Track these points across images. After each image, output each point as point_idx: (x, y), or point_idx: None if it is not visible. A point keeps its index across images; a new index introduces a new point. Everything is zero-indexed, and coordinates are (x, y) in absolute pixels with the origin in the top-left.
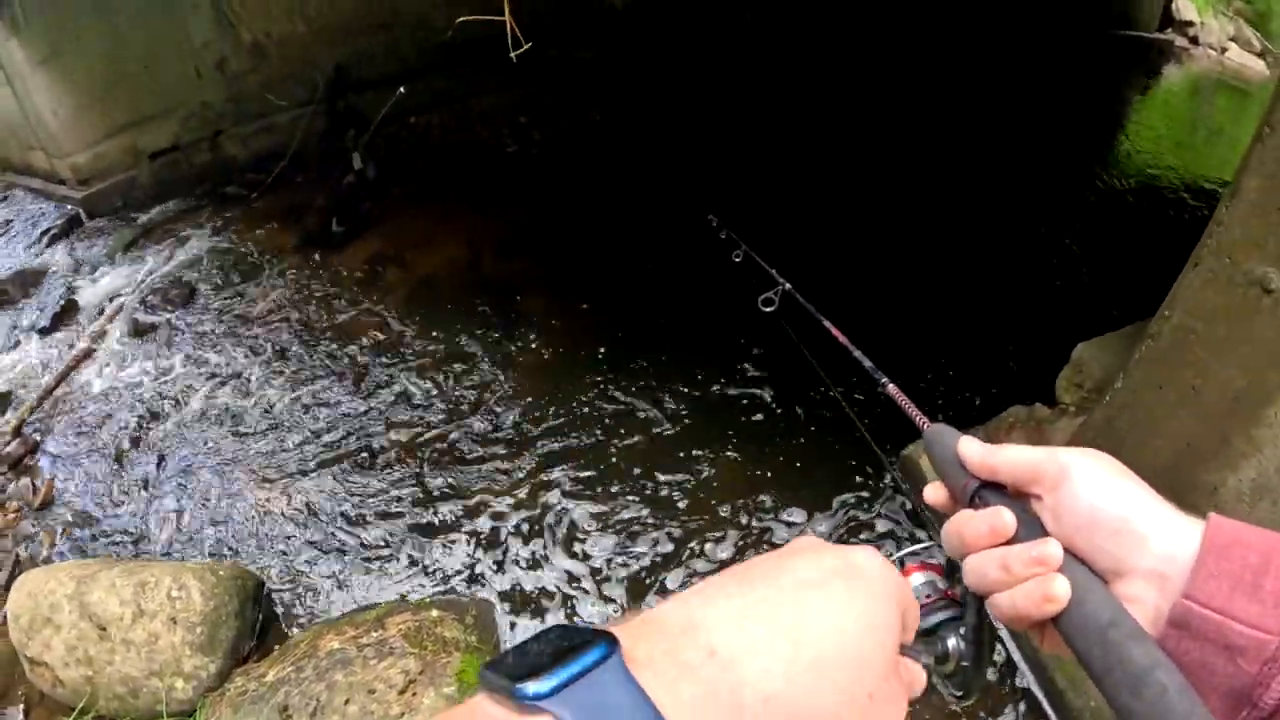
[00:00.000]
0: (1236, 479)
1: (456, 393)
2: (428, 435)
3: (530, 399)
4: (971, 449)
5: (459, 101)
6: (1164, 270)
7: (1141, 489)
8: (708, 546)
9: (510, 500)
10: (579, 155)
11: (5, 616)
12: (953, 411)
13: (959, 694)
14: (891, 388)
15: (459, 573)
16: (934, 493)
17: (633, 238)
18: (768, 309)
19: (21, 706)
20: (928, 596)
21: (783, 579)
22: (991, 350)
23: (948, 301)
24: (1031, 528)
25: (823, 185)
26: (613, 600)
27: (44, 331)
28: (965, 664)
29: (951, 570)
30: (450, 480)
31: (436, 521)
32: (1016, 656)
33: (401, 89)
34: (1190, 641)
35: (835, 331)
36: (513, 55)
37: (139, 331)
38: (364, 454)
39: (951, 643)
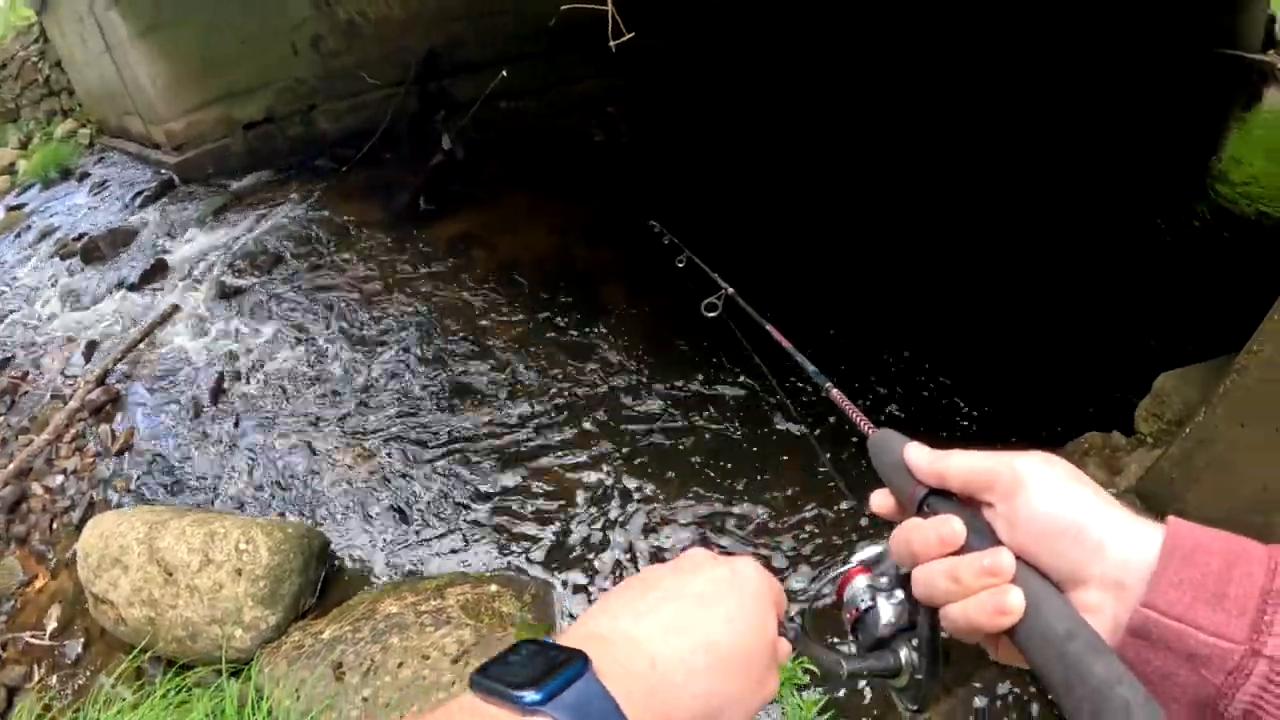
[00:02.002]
0: None
1: (532, 375)
2: (500, 414)
3: (605, 389)
4: (919, 455)
5: (549, 89)
6: (1255, 303)
7: (1097, 494)
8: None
9: (577, 486)
10: (666, 147)
11: (75, 555)
12: (1028, 436)
13: (914, 707)
14: (835, 392)
15: (521, 551)
16: (880, 500)
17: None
18: (711, 314)
19: (82, 640)
20: (871, 599)
21: (687, 594)
22: (1074, 374)
23: (1033, 326)
24: (982, 536)
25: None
26: None
27: (133, 288)
28: (919, 676)
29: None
30: (520, 461)
31: (502, 499)
32: None
33: (504, 72)
34: (1151, 651)
35: (778, 335)
36: (612, 44)
37: (224, 294)
38: (436, 428)
39: (904, 654)
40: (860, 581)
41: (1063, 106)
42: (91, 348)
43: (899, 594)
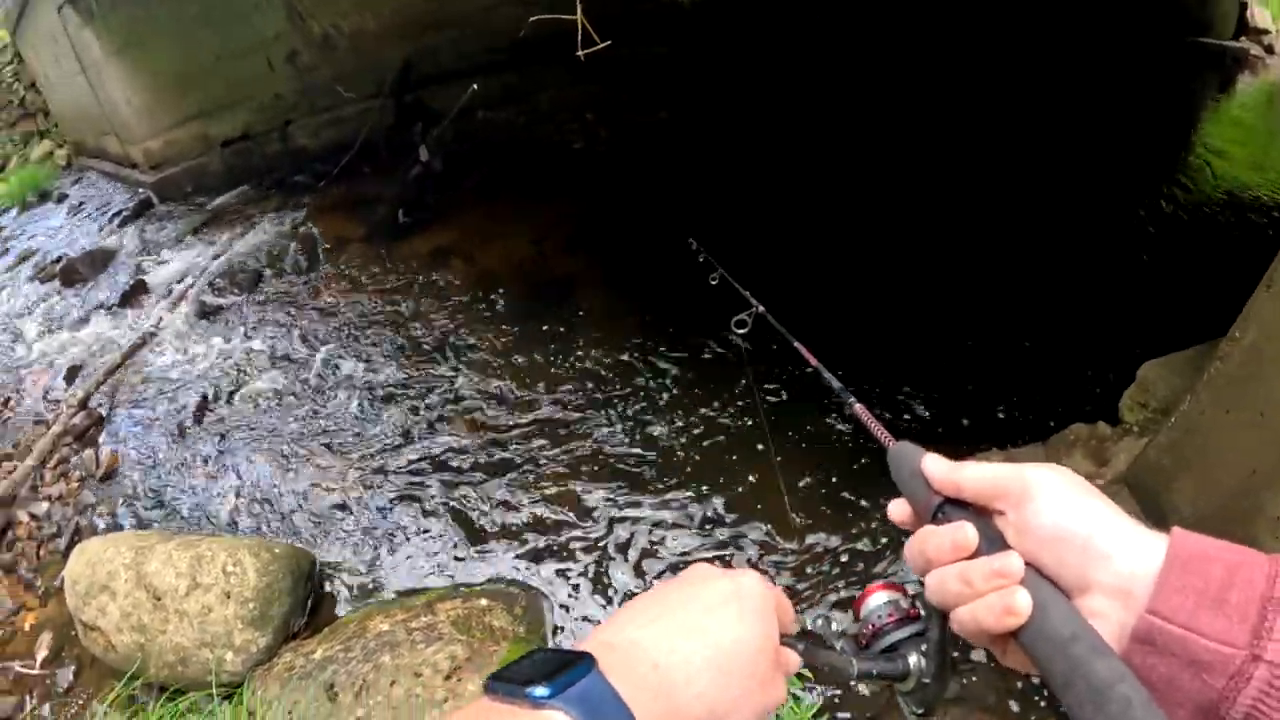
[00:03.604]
0: None
1: (514, 386)
2: (485, 426)
3: (586, 397)
4: (936, 466)
5: (526, 98)
6: (1236, 290)
7: (1105, 505)
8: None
9: (564, 497)
10: (644, 153)
11: (62, 582)
12: (1014, 430)
13: (919, 711)
14: (858, 407)
15: (510, 564)
16: (898, 510)
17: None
18: (741, 329)
19: (73, 668)
20: (890, 615)
21: (694, 605)
22: (1058, 367)
23: (1009, 317)
24: (994, 543)
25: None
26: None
27: (113, 310)
28: (926, 681)
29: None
30: (505, 472)
31: (490, 512)
32: None
33: (474, 85)
34: (1155, 657)
35: (805, 353)
36: (581, 54)
37: (205, 313)
38: (422, 442)
39: (913, 660)
40: (879, 597)
41: (1040, 99)
42: (73, 371)
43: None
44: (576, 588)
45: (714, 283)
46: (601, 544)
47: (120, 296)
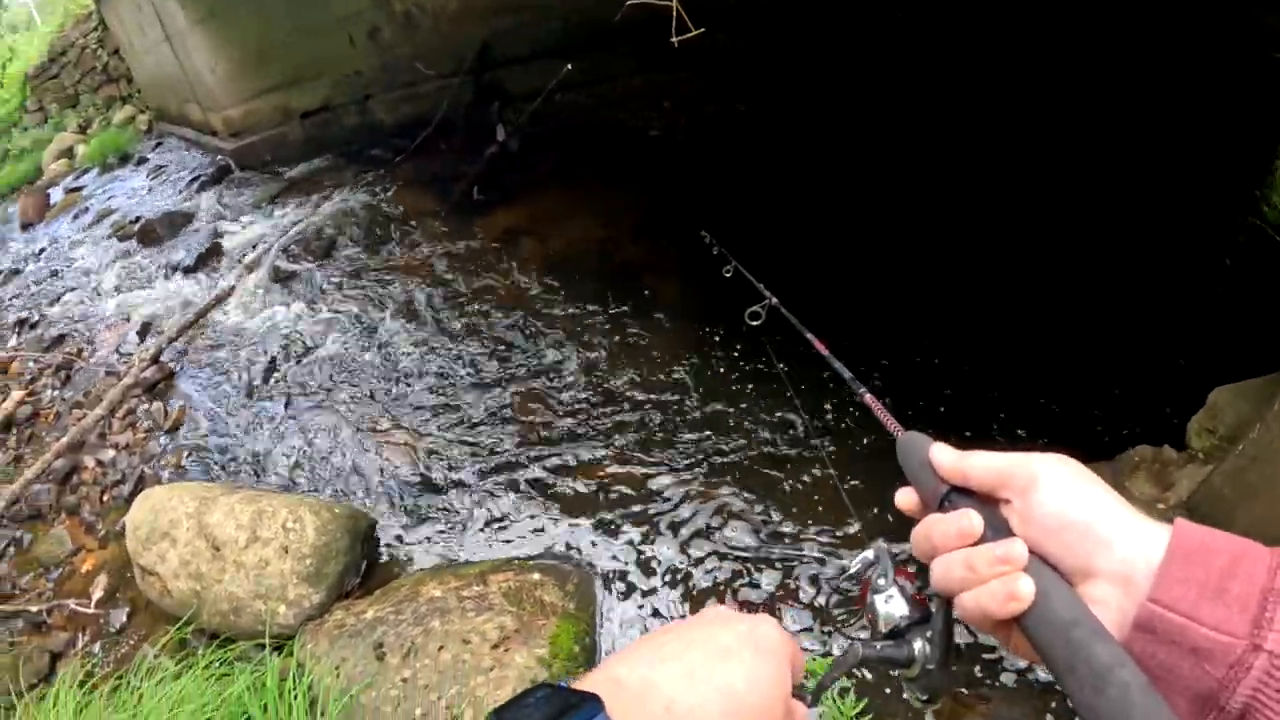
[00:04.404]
0: None
1: (581, 368)
2: (548, 404)
3: (653, 383)
4: (943, 455)
5: (602, 83)
6: None
7: (1109, 494)
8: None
9: (624, 480)
10: (721, 144)
11: (123, 527)
12: (1082, 446)
13: (924, 697)
14: (868, 397)
15: (565, 541)
16: (905, 498)
17: (764, 231)
18: (754, 322)
19: (126, 610)
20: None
21: (710, 646)
22: (1128, 387)
23: (1089, 338)
24: (999, 531)
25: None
26: (703, 591)
27: (188, 270)
28: (931, 667)
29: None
30: (566, 451)
31: (548, 490)
32: None
33: (569, 66)
34: (1156, 645)
35: (817, 343)
36: (674, 40)
37: (278, 278)
38: (484, 415)
39: (918, 646)
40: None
41: (1117, 112)
42: (146, 327)
43: (896, 590)
44: (627, 572)
45: (728, 275)
46: (657, 529)
47: (196, 258)
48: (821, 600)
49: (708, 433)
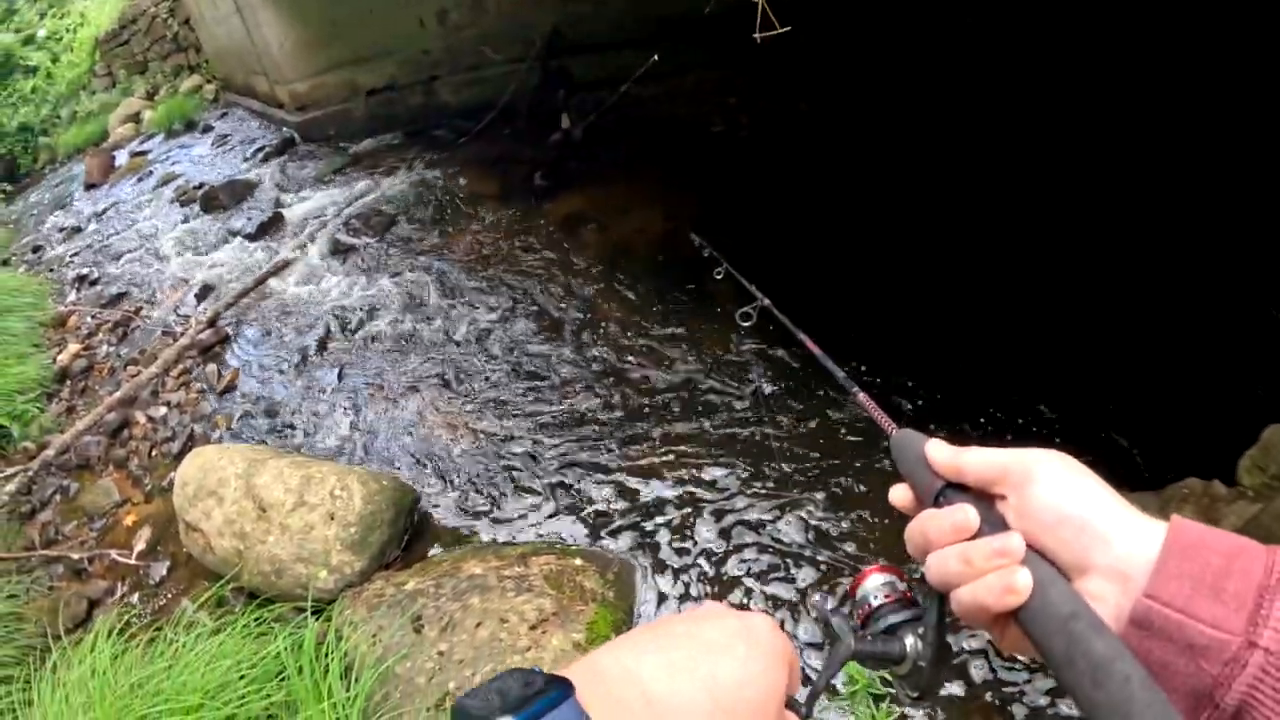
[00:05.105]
0: None
1: (634, 359)
2: (599, 393)
3: (705, 378)
4: (939, 451)
5: (670, 76)
6: None
7: (1105, 490)
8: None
9: (671, 472)
10: (785, 143)
11: (170, 483)
12: (1130, 476)
13: (914, 694)
14: (861, 395)
15: (609, 528)
16: (900, 495)
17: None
18: (745, 323)
19: (167, 564)
20: (886, 595)
21: (698, 640)
22: (1180, 419)
23: (1141, 366)
24: (995, 526)
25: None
26: (745, 590)
27: (249, 238)
28: (922, 663)
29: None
30: (616, 440)
31: (595, 477)
32: None
33: (655, 56)
34: (1152, 640)
35: (809, 343)
36: (758, 36)
37: (337, 251)
38: (534, 399)
39: (909, 642)
40: (874, 579)
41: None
42: (205, 290)
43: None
44: (669, 567)
45: (718, 276)
46: (703, 527)
47: (257, 227)
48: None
49: (762, 433)
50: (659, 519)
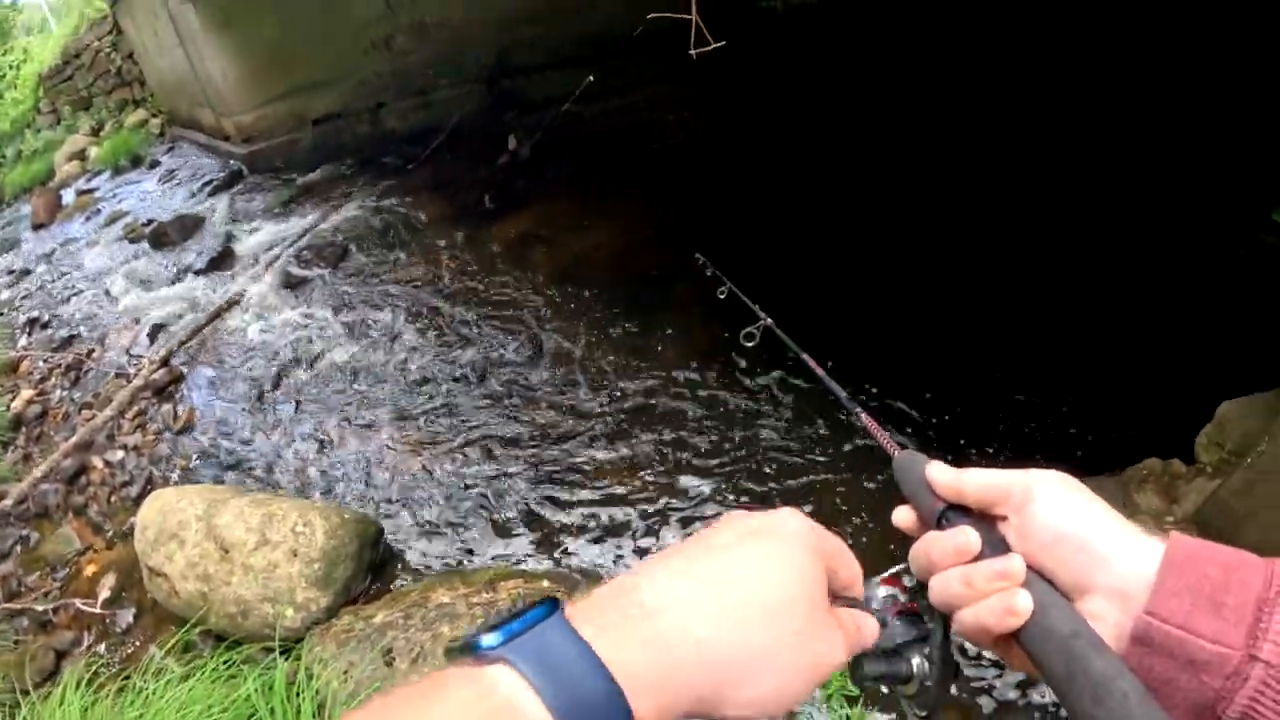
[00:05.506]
0: None
1: (593, 376)
2: (559, 413)
3: (663, 392)
4: (940, 473)
5: (614, 94)
6: None
7: (1104, 510)
8: None
9: (633, 491)
10: (732, 153)
11: (130, 527)
12: (1089, 459)
13: (922, 714)
14: (864, 417)
15: (575, 550)
16: (903, 516)
17: (780, 240)
18: (749, 343)
19: (133, 611)
20: (889, 607)
21: (704, 544)
22: (1136, 400)
23: (1095, 350)
24: (996, 547)
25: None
26: None
27: (200, 274)
28: (929, 684)
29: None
30: (576, 459)
31: (557, 498)
32: None
33: (590, 77)
34: (1153, 657)
35: (813, 364)
36: (693, 53)
37: (290, 283)
38: (495, 423)
39: (916, 662)
40: (879, 592)
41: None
42: (157, 329)
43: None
44: None
45: (722, 296)
46: (665, 539)
47: (207, 261)
48: None
49: (722, 446)
50: (625, 537)
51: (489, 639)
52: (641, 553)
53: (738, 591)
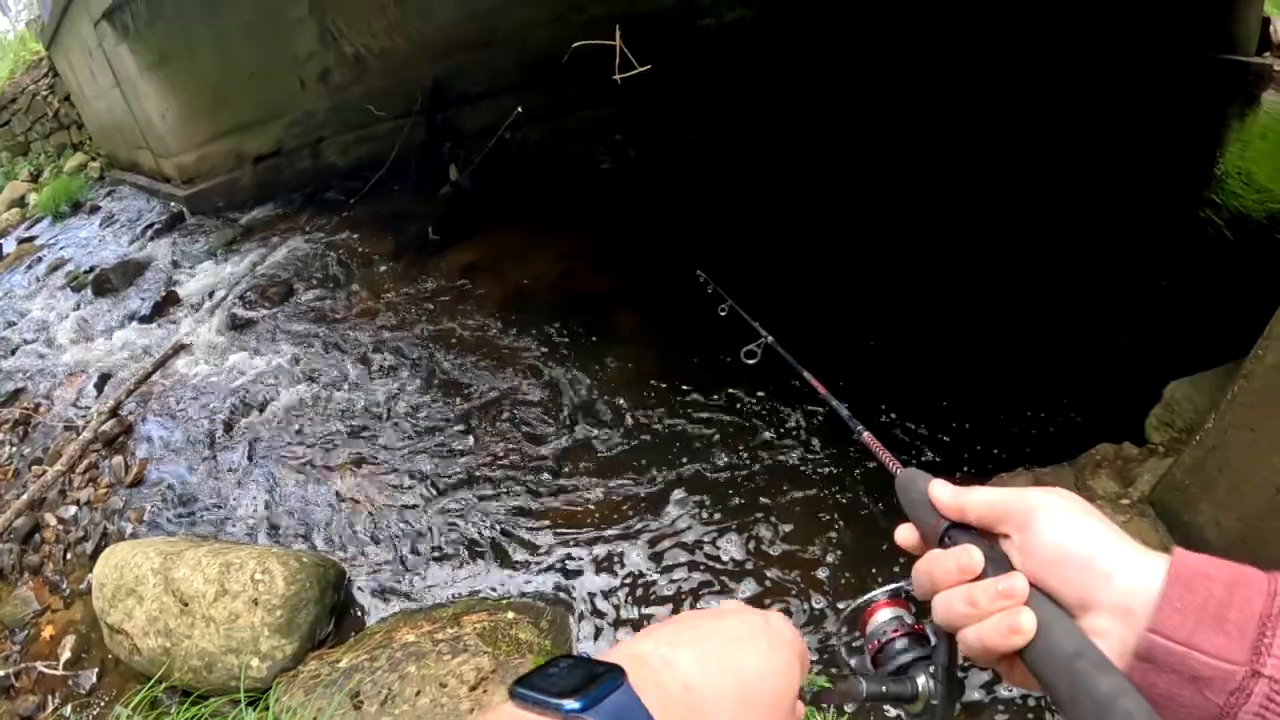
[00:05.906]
0: None
1: (543, 404)
2: (512, 443)
3: (615, 415)
4: (942, 491)
5: (554, 119)
6: (1262, 308)
7: (1107, 527)
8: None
9: (591, 514)
10: (673, 174)
11: (88, 585)
12: (1041, 451)
13: None
14: (866, 435)
15: (536, 578)
16: (905, 534)
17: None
18: (750, 360)
19: (95, 671)
20: (895, 630)
21: (725, 633)
22: (1084, 386)
23: (1041, 338)
24: (999, 565)
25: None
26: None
27: (144, 320)
28: (935, 703)
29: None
30: (533, 488)
31: (517, 527)
32: None
33: (519, 109)
34: (1157, 674)
35: (815, 382)
36: (618, 77)
37: (236, 325)
38: (449, 456)
39: (921, 681)
40: (884, 614)
41: (1061, 117)
42: (104, 379)
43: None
44: (601, 604)
45: (723, 313)
46: (627, 562)
47: (152, 307)
48: (812, 640)
49: (674, 465)
50: (587, 562)
51: (571, 704)
52: (608, 577)
53: (752, 683)
